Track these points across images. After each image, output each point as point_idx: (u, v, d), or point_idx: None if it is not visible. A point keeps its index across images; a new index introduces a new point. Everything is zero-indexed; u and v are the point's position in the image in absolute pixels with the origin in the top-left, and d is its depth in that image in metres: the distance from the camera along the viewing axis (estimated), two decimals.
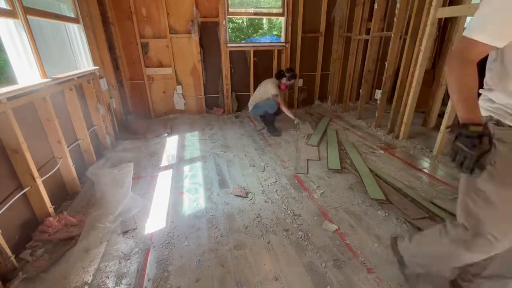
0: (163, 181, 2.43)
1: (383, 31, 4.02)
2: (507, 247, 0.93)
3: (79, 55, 2.85)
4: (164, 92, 4.18)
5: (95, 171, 2.43)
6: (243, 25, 10.92)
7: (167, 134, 3.54)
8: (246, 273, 1.47)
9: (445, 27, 3.71)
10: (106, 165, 2.60)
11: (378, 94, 3.53)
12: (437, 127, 2.89)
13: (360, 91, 3.98)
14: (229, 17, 4.10)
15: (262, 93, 3.45)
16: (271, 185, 2.33)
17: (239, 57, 4.26)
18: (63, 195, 2.15)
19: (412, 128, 3.23)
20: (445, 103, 2.98)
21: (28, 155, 1.64)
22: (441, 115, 3.30)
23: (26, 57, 1.91)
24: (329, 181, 2.38)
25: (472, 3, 2.38)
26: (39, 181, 1.72)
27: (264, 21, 10.79)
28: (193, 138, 3.44)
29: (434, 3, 2.59)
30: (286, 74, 3.40)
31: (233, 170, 2.61)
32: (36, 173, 1.70)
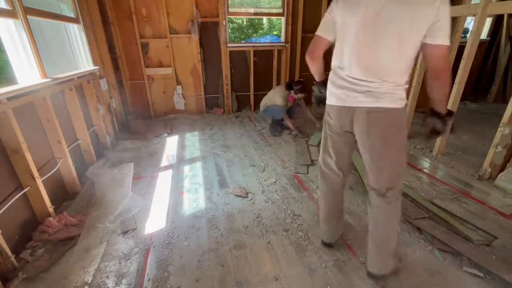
0: (163, 181, 2.43)
1: None
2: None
3: (79, 55, 2.85)
4: (164, 92, 4.18)
5: (95, 171, 2.43)
6: (243, 25, 10.92)
7: (167, 134, 3.54)
8: (246, 273, 1.47)
9: None
10: (106, 165, 2.61)
11: None
12: None
13: None
14: (229, 17, 4.10)
15: (271, 99, 3.44)
16: (271, 185, 2.33)
17: (239, 57, 4.26)
18: (63, 195, 2.15)
19: (412, 128, 3.23)
20: None
21: (28, 155, 1.64)
22: None
23: (26, 57, 1.91)
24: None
25: (472, 3, 2.38)
26: (39, 181, 1.72)
27: (264, 21, 10.78)
28: (193, 138, 3.44)
29: None
30: (294, 87, 3.23)
31: (233, 170, 2.61)
32: (36, 173, 1.70)
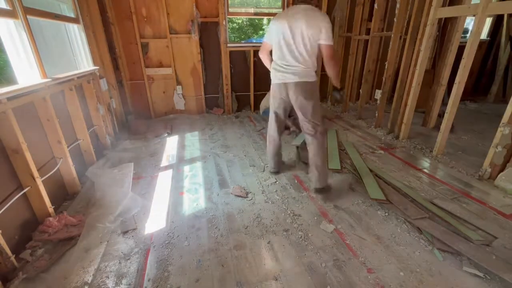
0: (163, 181, 2.43)
1: (383, 31, 4.03)
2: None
3: (79, 55, 2.85)
4: (164, 92, 4.18)
5: (95, 171, 2.43)
6: (243, 25, 10.92)
7: (167, 134, 3.54)
8: (246, 273, 1.47)
9: (445, 27, 3.70)
10: (106, 165, 2.61)
11: (378, 94, 3.53)
12: (437, 127, 2.88)
13: (360, 91, 3.98)
14: (229, 17, 4.10)
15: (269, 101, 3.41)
16: (271, 185, 2.33)
17: (239, 57, 4.26)
18: (63, 195, 2.15)
19: (412, 128, 3.24)
20: (445, 103, 2.98)
21: (28, 155, 1.63)
22: (441, 115, 3.31)
23: (26, 57, 1.91)
24: (329, 181, 2.38)
25: (472, 3, 2.38)
26: (39, 181, 1.72)
27: (264, 21, 10.77)
28: (193, 138, 3.44)
29: (434, 3, 2.59)
30: None
31: (233, 170, 2.61)
32: (36, 173, 1.69)
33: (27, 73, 1.93)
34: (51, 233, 1.69)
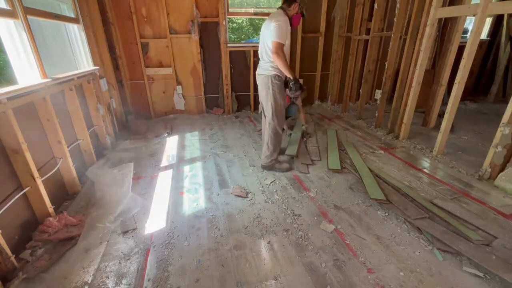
0: (163, 181, 2.43)
1: (383, 31, 4.03)
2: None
3: (79, 55, 2.85)
4: (164, 92, 4.18)
5: (95, 171, 2.43)
6: (243, 25, 10.91)
7: (167, 134, 3.54)
8: (246, 273, 1.47)
9: (445, 27, 3.70)
10: (106, 165, 2.61)
11: (378, 94, 3.53)
12: (437, 127, 2.88)
13: (360, 91, 3.98)
14: (229, 17, 4.11)
15: None
16: (271, 185, 2.33)
17: (239, 57, 4.26)
18: (63, 195, 2.15)
19: (412, 128, 3.24)
20: (445, 103, 2.98)
21: (28, 155, 1.63)
22: (441, 115, 3.31)
23: (26, 57, 1.91)
24: (329, 181, 2.38)
25: (472, 3, 2.38)
26: (39, 181, 1.72)
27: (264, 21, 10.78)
28: (193, 138, 3.44)
29: (434, 3, 2.59)
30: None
31: (233, 170, 2.61)
32: (36, 173, 1.69)
33: (27, 73, 1.93)
34: (51, 233, 1.69)
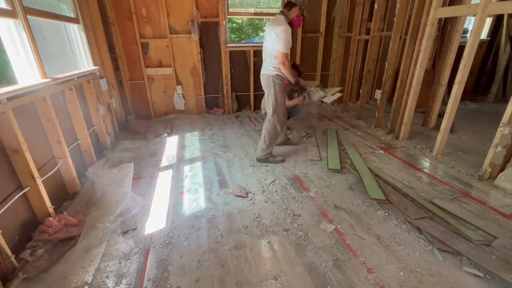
0: (163, 181, 2.43)
1: (383, 31, 4.03)
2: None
3: (79, 55, 2.85)
4: (164, 92, 4.18)
5: (95, 171, 2.43)
6: (243, 25, 10.91)
7: (167, 134, 3.54)
8: (246, 273, 1.47)
9: (445, 27, 3.71)
10: (106, 165, 2.61)
11: (378, 94, 3.53)
12: (437, 127, 2.88)
13: (360, 91, 3.98)
14: (229, 17, 4.10)
15: None
16: (271, 185, 2.33)
17: (239, 57, 4.26)
18: (63, 195, 2.15)
19: (412, 128, 3.24)
20: (445, 103, 2.98)
21: (28, 155, 1.63)
22: (441, 115, 3.31)
23: (26, 57, 1.91)
24: (329, 181, 2.38)
25: (472, 3, 2.38)
26: (39, 181, 1.72)
27: (264, 21, 10.78)
28: (193, 138, 3.44)
29: (434, 3, 2.59)
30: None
31: (233, 170, 2.61)
32: (36, 173, 1.69)
33: (27, 73, 1.93)
34: (51, 233, 1.69)
